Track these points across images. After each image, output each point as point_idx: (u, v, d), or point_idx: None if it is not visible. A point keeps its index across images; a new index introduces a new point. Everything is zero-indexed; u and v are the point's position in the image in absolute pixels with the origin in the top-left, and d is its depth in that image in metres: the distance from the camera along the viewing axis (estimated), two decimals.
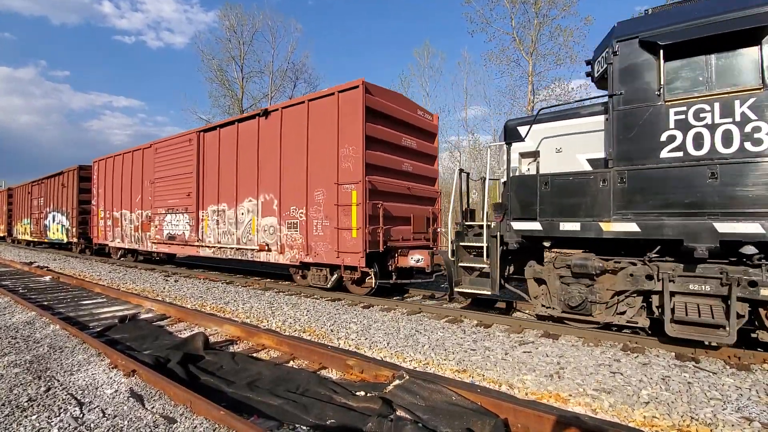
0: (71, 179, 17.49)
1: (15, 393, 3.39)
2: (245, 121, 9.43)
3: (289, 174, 8.29)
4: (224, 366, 4.10)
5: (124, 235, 13.61)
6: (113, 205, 14.19)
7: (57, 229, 18.83)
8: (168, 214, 11.38)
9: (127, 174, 13.36)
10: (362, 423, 2.91)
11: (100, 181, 15.17)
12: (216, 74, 30.68)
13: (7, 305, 6.85)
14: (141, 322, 5.91)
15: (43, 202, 20.32)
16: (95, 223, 15.58)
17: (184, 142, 10.95)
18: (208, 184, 10.22)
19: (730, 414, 3.13)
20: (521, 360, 4.29)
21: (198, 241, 10.39)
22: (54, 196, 19.07)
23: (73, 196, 17.24)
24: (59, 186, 18.46)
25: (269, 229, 8.66)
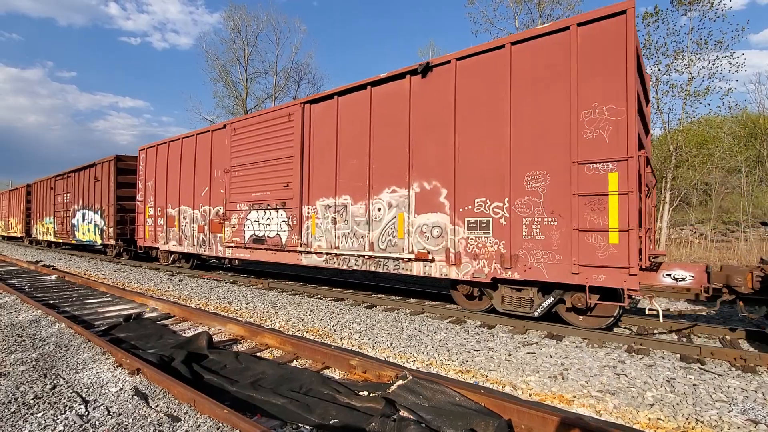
0: (107, 172, 15.02)
1: (21, 390, 3.42)
2: (384, 84, 6.88)
3: (472, 151, 5.84)
4: (228, 365, 4.11)
5: (183, 236, 11.08)
6: (167, 201, 11.66)
7: (87, 229, 16.44)
8: (252, 211, 8.90)
9: (189, 162, 10.94)
10: (365, 423, 2.91)
11: (148, 172, 12.61)
12: (220, 75, 30.78)
13: (13, 303, 6.90)
14: (145, 321, 5.93)
15: (69, 198, 17.94)
16: (141, 222, 12.95)
17: (281, 119, 8.43)
18: (317, 172, 7.80)
19: (736, 416, 3.10)
20: (525, 361, 4.28)
21: (302, 246, 7.92)
22: (84, 191, 16.61)
23: (109, 192, 14.76)
24: (91, 180, 16.03)
25: (431, 230, 6.20)
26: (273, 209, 8.53)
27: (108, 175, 15.06)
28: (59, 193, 19.19)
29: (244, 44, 30.56)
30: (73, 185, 17.70)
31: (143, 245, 13.07)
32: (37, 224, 22.31)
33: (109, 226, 14.87)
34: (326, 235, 7.60)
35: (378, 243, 6.86)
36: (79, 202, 17.15)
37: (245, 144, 9.19)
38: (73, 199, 17.59)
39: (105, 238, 15.14)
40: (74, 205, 17.51)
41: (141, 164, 13.12)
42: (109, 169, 15.06)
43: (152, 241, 12.48)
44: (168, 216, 11.72)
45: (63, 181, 18.78)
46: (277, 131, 8.53)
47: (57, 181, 19.40)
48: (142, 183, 13.05)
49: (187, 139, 11.13)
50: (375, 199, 6.94)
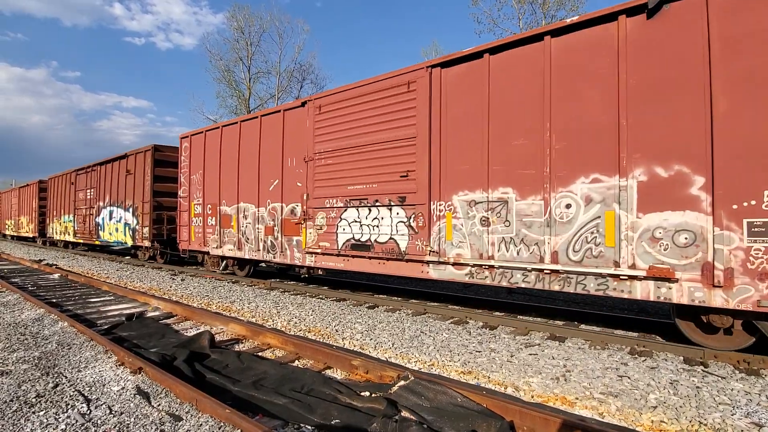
0: (142, 164, 13.12)
1: (23, 389, 3.43)
2: (573, 32, 5.07)
3: (752, 120, 4.02)
4: (230, 365, 4.11)
5: (243, 240, 9.22)
6: (221, 197, 9.80)
7: (115, 228, 14.60)
8: (350, 209, 7.06)
9: (250, 150, 9.07)
10: (367, 423, 2.90)
11: (194, 163, 10.72)
12: (223, 75, 30.95)
13: (16, 302, 6.92)
14: (148, 320, 5.95)
15: (93, 194, 16.08)
16: (184, 221, 11.01)
17: (394, 89, 6.52)
18: (453, 157, 5.92)
19: (739, 419, 3.09)
20: (527, 362, 4.26)
21: (431, 255, 6.07)
22: (112, 186, 14.76)
23: (144, 186, 12.89)
24: (121, 173, 14.24)
25: (673, 236, 4.35)
26: (384, 206, 6.60)
27: (143, 168, 13.07)
28: (81, 189, 17.24)
29: (248, 44, 30.69)
30: (99, 180, 15.78)
31: (187, 249, 10.93)
32: (54, 223, 20.45)
33: (143, 225, 12.96)
34: (471, 240, 5.71)
35: (567, 252, 4.97)
36: (105, 198, 15.29)
37: (337, 124, 7.32)
38: (98, 195, 15.73)
39: (138, 239, 13.25)
40: (99, 202, 15.67)
41: (184, 154, 11.08)
42: (144, 160, 13.03)
43: (200, 244, 10.47)
44: (222, 215, 9.81)
45: (86, 176, 16.82)
46: (387, 105, 6.61)
47: (79, 175, 17.47)
48: (185, 176, 11.01)
49: (249, 122, 9.27)
50: (560, 192, 5.06)
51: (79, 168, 17.58)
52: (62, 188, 19.36)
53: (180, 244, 11.32)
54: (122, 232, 14.22)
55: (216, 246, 10.03)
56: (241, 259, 9.77)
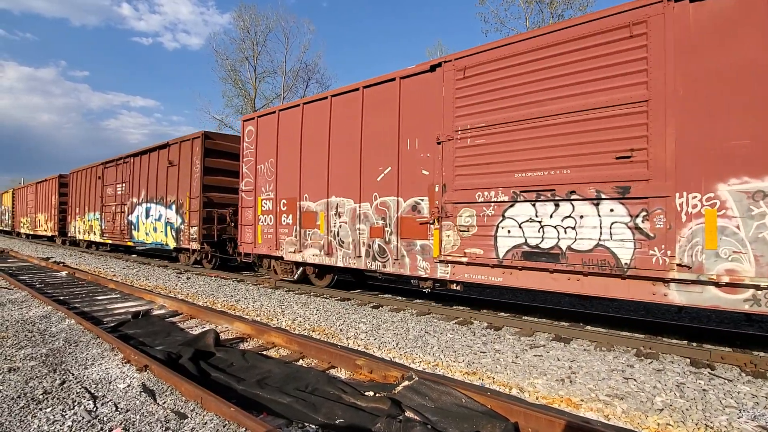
0: (189, 154, 11.37)
1: (31, 385, 3.46)
2: None
3: None
4: (234, 363, 4.13)
5: (336, 243, 7.46)
6: (301, 191, 8.05)
7: (153, 228, 12.85)
8: (519, 204, 5.35)
9: (346, 131, 7.31)
10: (371, 423, 2.90)
11: (262, 150, 8.96)
12: (229, 74, 31.08)
13: (24, 299, 7.00)
14: (153, 318, 5.98)
15: (125, 189, 14.43)
16: (247, 219, 9.26)
17: (604, 35, 4.81)
18: (717, 125, 4.20)
19: (746, 422, 3.06)
20: (532, 363, 4.25)
21: (678, 270, 4.31)
22: (150, 180, 13.05)
23: (191, 180, 11.19)
24: (161, 165, 12.49)
25: None
26: (585, 200, 4.85)
27: (190, 158, 11.30)
28: (110, 184, 15.51)
29: (254, 44, 30.79)
30: (132, 173, 14.05)
31: (253, 252, 9.17)
32: (76, 221, 18.63)
33: (189, 224, 11.18)
34: (757, 249, 3.92)
35: None
36: (140, 193, 13.55)
37: (495, 90, 5.59)
38: (131, 190, 14.06)
39: (183, 240, 11.48)
40: (132, 198, 14.01)
41: (247, 140, 9.35)
42: (191, 150, 11.28)
43: (269, 247, 8.74)
44: (303, 212, 8.04)
45: (116, 169, 15.07)
46: (589, 60, 4.89)
47: (107, 168, 15.71)
48: (249, 167, 9.26)
49: (344, 96, 7.43)
50: None
51: (108, 160, 15.61)
52: (87, 183, 17.48)
53: (241, 246, 9.50)
54: (162, 232, 12.40)
55: (293, 250, 8.16)
56: (330, 266, 7.97)
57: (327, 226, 7.61)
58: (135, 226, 13.90)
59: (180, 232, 11.71)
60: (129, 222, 14.21)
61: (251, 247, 9.24)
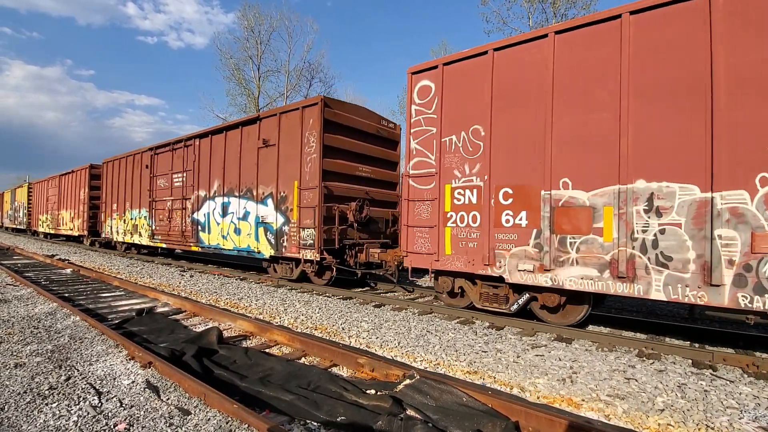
0: (295, 128, 8.47)
1: (36, 381, 3.51)
2: None
3: None
4: (237, 360, 4.16)
5: (643, 262, 4.62)
6: (551, 173, 5.29)
7: (235, 229, 9.80)
8: None
9: (668, 63, 4.56)
10: (372, 421, 2.93)
11: (453, 114, 6.24)
12: (233, 73, 31.10)
13: (30, 296, 7.06)
14: (157, 315, 6.03)
15: (186, 179, 11.42)
16: (420, 217, 6.57)
17: None
18: None
19: (747, 423, 3.06)
20: (533, 363, 4.26)
21: None
22: (228, 166, 10.06)
23: (303, 164, 8.26)
24: (248, 146, 9.54)
25: None
26: None
27: (300, 134, 8.32)
28: (163, 174, 12.54)
29: (257, 43, 30.82)
30: (197, 159, 11.07)
31: (433, 267, 6.44)
32: (112, 220, 15.67)
33: (300, 225, 8.21)
34: None
35: None
36: (211, 184, 10.58)
37: None
38: (197, 180, 11.05)
39: (288, 246, 8.49)
40: (198, 191, 11.00)
41: (419, 101, 6.59)
42: (302, 123, 8.30)
43: (471, 261, 5.98)
44: (559, 207, 5.22)
45: (171, 155, 12.15)
46: None
47: (158, 155, 12.85)
48: (424, 140, 6.53)
49: (654, 12, 4.67)
50: None
51: (159, 144, 12.81)
52: (127, 174, 14.53)
53: (407, 258, 6.75)
54: (251, 236, 9.33)
55: (531, 268, 5.41)
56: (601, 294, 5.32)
57: (621, 231, 4.76)
58: (204, 227, 10.79)
59: (282, 235, 8.60)
60: (194, 221, 11.10)
61: (429, 260, 6.43)
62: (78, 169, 18.91)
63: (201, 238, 10.89)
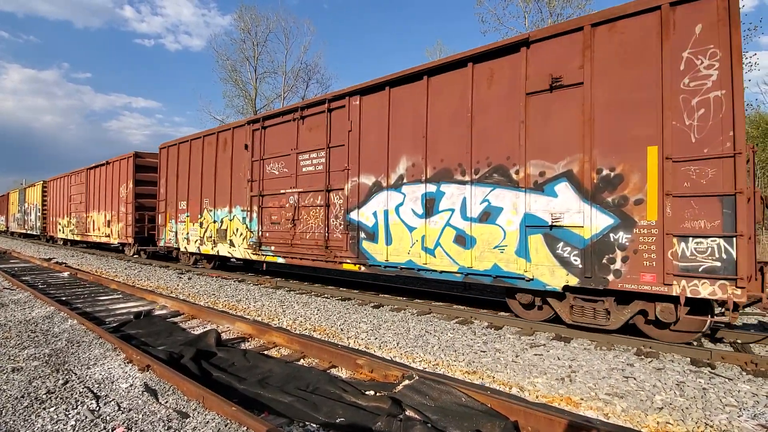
0: (645, 42, 4.52)
1: (34, 385, 3.49)
2: None
3: None
4: (236, 363, 4.15)
5: None
6: None
7: (460, 237, 5.91)
8: None
9: None
10: (371, 422, 2.92)
11: None
12: (230, 75, 31.10)
13: (27, 300, 7.03)
14: (155, 318, 6.01)
15: (332, 161, 7.69)
16: None
17: None
18: None
19: (746, 421, 3.07)
20: (532, 363, 4.26)
21: None
22: (433, 133, 6.32)
23: (699, 105, 4.15)
24: (503, 91, 5.59)
25: None
26: None
27: (670, 54, 4.37)
28: (279, 155, 8.66)
29: (254, 44, 30.82)
30: (356, 127, 7.29)
31: None
32: (180, 223, 11.66)
33: (673, 231, 4.33)
34: None
35: None
36: (392, 165, 6.79)
37: None
38: (359, 160, 7.22)
39: (627, 270, 4.60)
40: (360, 177, 7.20)
41: None
42: (675, 30, 4.35)
43: None
44: None
45: (296, 126, 8.34)
46: None
47: (267, 129, 8.93)
48: None
49: None
50: None
51: (269, 114, 8.91)
52: (204, 160, 10.75)
53: None
54: (512, 248, 5.49)
55: None
56: None
57: None
58: (371, 234, 7.01)
59: (609, 250, 4.77)
60: (350, 225, 7.30)
61: None
62: (116, 159, 15.04)
63: (365, 250, 7.06)
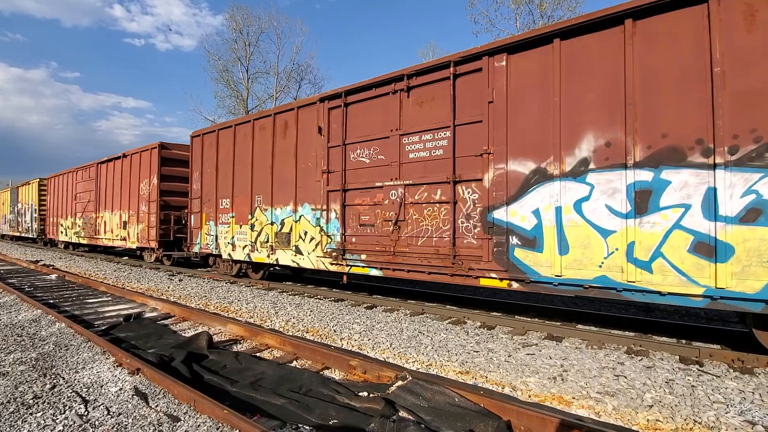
0: None
1: (20, 390, 3.43)
2: None
3: None
4: (228, 365, 4.12)
5: None
6: None
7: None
8: None
9: None
10: (365, 423, 2.91)
11: None
12: (222, 75, 30.88)
13: (13, 303, 6.90)
14: (145, 320, 5.94)
15: (460, 143, 5.72)
16: None
17: None
18: None
19: (733, 417, 3.11)
20: (524, 362, 4.28)
21: None
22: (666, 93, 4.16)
23: None
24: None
25: None
26: None
27: None
28: (369, 139, 6.85)
29: (246, 44, 30.65)
30: (501, 95, 5.38)
31: None
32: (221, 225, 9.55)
33: None
34: None
35: None
36: (573, 143, 4.76)
37: None
38: (507, 141, 5.33)
39: None
40: (509, 163, 5.32)
41: None
42: None
43: None
44: None
45: (397, 99, 6.46)
46: None
47: (350, 106, 7.16)
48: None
49: None
50: None
51: (352, 88, 7.05)
52: (256, 148, 8.80)
53: None
54: None
55: None
56: None
57: None
58: (529, 238, 5.14)
59: None
60: (496, 226, 5.41)
61: None
62: (135, 152, 13.00)
63: (520, 261, 5.19)
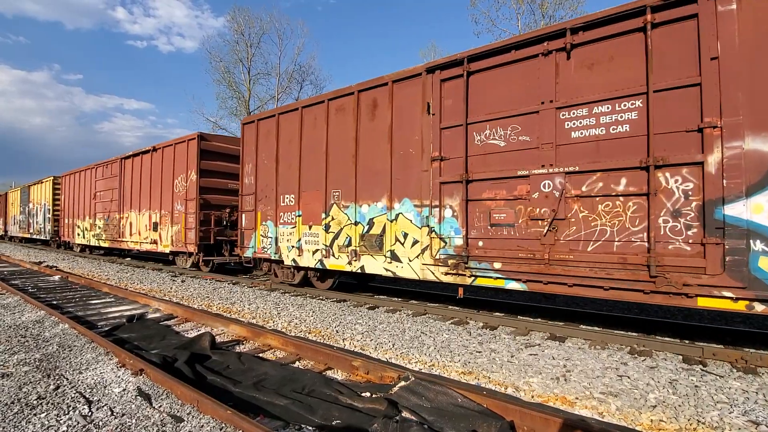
0: None
1: (24, 391, 3.44)
2: None
3: None
4: (231, 366, 4.12)
5: None
6: None
7: None
8: None
9: None
10: (368, 424, 2.91)
11: None
12: (223, 76, 30.95)
13: (17, 304, 6.93)
14: (148, 321, 5.95)
15: (711, 102, 3.86)
16: None
17: None
18: None
19: (737, 417, 3.10)
20: (527, 362, 4.28)
21: None
22: None
23: None
24: None
25: None
26: None
27: None
28: (504, 115, 5.35)
29: (248, 46, 30.72)
30: None
31: None
32: (286, 227, 8.17)
33: None
34: None
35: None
36: None
37: None
38: None
39: None
40: None
41: None
42: None
43: None
44: None
45: (569, 58, 4.82)
46: None
47: (476, 74, 5.57)
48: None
49: None
50: None
51: (480, 52, 5.48)
52: (340, 133, 7.32)
53: None
54: None
55: None
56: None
57: None
58: None
59: None
60: (729, 226, 3.87)
61: None
62: (167, 144, 11.60)
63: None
